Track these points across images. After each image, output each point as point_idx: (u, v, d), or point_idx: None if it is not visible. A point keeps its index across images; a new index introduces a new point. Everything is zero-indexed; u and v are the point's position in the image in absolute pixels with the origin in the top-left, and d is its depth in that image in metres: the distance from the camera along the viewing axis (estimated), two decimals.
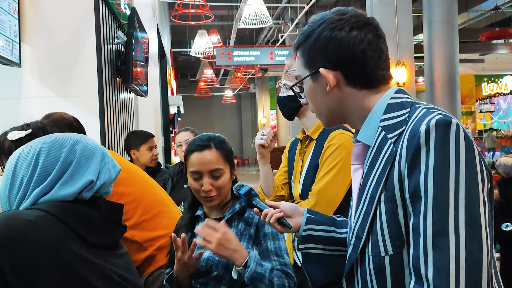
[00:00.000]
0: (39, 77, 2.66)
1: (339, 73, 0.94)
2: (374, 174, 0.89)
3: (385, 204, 0.85)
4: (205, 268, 1.37)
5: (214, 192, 1.39)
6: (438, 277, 0.74)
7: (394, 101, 0.92)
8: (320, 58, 0.94)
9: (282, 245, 1.41)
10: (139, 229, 1.65)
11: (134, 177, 1.76)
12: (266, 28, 12.94)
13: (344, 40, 0.92)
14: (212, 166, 1.39)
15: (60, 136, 1.07)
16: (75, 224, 0.95)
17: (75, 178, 1.01)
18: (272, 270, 1.31)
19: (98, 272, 0.94)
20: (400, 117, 0.89)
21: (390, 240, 0.85)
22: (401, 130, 0.86)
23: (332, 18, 0.94)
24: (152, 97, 5.57)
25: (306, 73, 0.98)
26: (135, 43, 3.27)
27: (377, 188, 0.87)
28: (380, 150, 0.89)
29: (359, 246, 0.91)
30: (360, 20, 0.94)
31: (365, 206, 0.90)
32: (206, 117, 22.78)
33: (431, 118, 0.81)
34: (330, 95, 0.96)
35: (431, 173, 0.78)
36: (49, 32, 2.67)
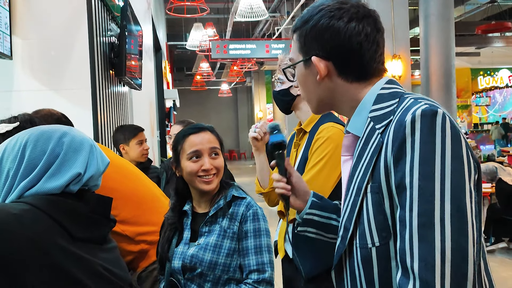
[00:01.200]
0: (31, 70, 2.64)
1: (331, 64, 0.92)
2: (362, 165, 0.88)
3: (371, 195, 0.84)
4: (190, 265, 1.37)
5: (214, 171, 1.40)
6: (424, 269, 0.73)
7: (383, 92, 0.91)
8: (314, 45, 0.93)
9: (263, 242, 1.39)
10: (129, 224, 1.63)
11: (124, 172, 1.74)
12: (262, 21, 12.88)
13: (341, 30, 0.90)
14: (211, 145, 1.42)
15: (47, 128, 1.06)
16: (62, 218, 0.94)
17: (62, 171, 1.00)
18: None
19: (85, 266, 0.93)
20: (389, 107, 0.88)
21: (377, 232, 0.84)
22: (388, 121, 0.85)
23: (332, 6, 0.92)
24: (147, 90, 5.54)
25: (299, 58, 0.97)
26: (129, 36, 3.25)
27: (364, 179, 0.86)
28: (368, 141, 0.88)
29: (347, 237, 0.90)
30: (360, 11, 0.92)
31: (353, 197, 0.89)
32: (202, 111, 22.72)
33: (417, 108, 0.79)
34: (320, 84, 0.95)
35: (417, 163, 0.76)
36: (41, 25, 2.64)
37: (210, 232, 1.39)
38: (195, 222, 1.44)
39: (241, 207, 1.41)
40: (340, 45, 0.90)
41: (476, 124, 18.50)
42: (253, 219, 1.40)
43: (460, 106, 17.49)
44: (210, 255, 1.35)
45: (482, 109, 19.27)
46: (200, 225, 1.41)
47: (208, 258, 1.35)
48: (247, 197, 1.45)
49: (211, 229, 1.40)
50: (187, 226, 1.44)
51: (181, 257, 1.39)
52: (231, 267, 1.37)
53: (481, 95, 18.64)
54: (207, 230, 1.40)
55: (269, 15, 10.94)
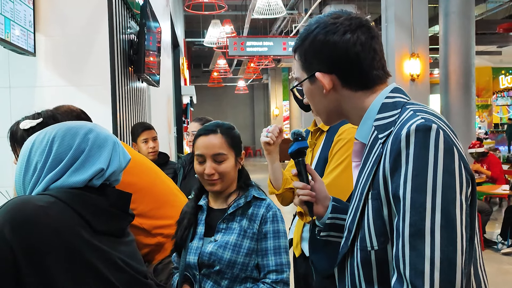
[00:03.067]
0: (53, 66, 2.70)
1: (335, 76, 0.96)
2: (365, 172, 0.92)
3: (372, 202, 0.89)
4: (208, 262, 1.39)
5: (216, 176, 1.41)
6: (415, 277, 0.77)
7: (388, 101, 0.95)
8: (315, 61, 0.97)
9: (281, 244, 1.42)
10: (147, 217, 1.67)
11: (142, 167, 1.79)
12: (279, 18, 12.85)
13: (337, 44, 0.94)
14: (215, 150, 1.41)
15: (73, 124, 1.10)
16: (84, 211, 0.98)
17: (86, 166, 1.04)
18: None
19: (105, 258, 0.96)
20: (391, 117, 0.91)
21: (375, 236, 0.88)
22: (389, 131, 0.89)
23: (326, 22, 0.96)
24: (164, 87, 5.60)
25: (304, 76, 1.01)
26: (148, 33, 3.29)
27: (366, 185, 0.90)
28: (371, 149, 0.92)
29: (349, 239, 0.94)
30: (353, 23, 0.95)
31: (356, 202, 0.94)
32: (219, 108, 22.81)
33: (413, 123, 0.83)
34: (327, 97, 0.99)
35: (410, 177, 0.80)
36: (63, 22, 2.71)
37: (228, 229, 1.41)
38: (210, 217, 1.46)
39: (261, 208, 1.43)
40: (339, 57, 0.94)
41: (496, 124, 18.15)
42: (272, 220, 1.42)
43: (480, 105, 17.18)
44: (229, 254, 1.37)
45: (503, 108, 18.90)
46: (217, 221, 1.44)
47: (227, 256, 1.37)
48: (267, 198, 1.47)
49: (229, 226, 1.42)
50: (201, 221, 1.46)
51: (196, 253, 1.41)
52: (249, 266, 1.39)
53: (503, 95, 18.27)
54: (225, 227, 1.42)
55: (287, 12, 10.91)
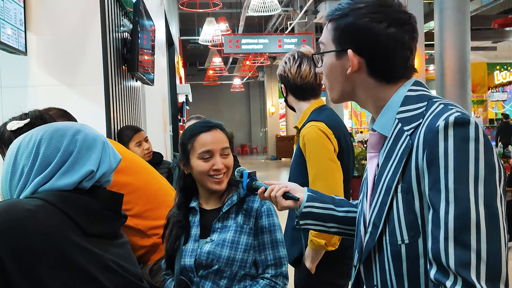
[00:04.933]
0: (45, 65, 2.67)
1: (363, 61, 0.94)
2: (391, 165, 0.91)
3: (402, 195, 0.88)
4: (206, 262, 1.36)
5: (224, 170, 1.40)
6: (462, 269, 0.78)
7: (411, 94, 0.94)
8: (350, 40, 0.94)
9: (278, 237, 1.42)
10: (142, 218, 1.65)
11: (136, 167, 1.76)
12: (275, 15, 12.82)
13: (380, 34, 0.92)
14: (223, 145, 1.41)
15: (61, 125, 1.07)
16: (74, 214, 0.95)
17: (75, 168, 1.01)
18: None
19: (96, 261, 0.94)
20: (417, 110, 0.90)
21: (406, 230, 0.88)
22: (417, 123, 0.88)
23: (374, 7, 0.93)
24: (159, 85, 5.56)
25: (332, 47, 0.98)
26: (141, 31, 3.26)
27: (394, 179, 0.89)
28: (396, 141, 0.91)
29: (376, 234, 0.93)
30: (401, 18, 0.93)
31: (381, 196, 0.92)
32: (215, 106, 22.76)
33: (450, 115, 0.83)
34: (348, 77, 0.97)
35: (451, 169, 0.80)
36: (55, 21, 2.67)
37: (224, 228, 1.40)
38: (204, 219, 1.44)
39: (255, 203, 1.42)
40: (376, 47, 0.93)
41: (491, 119, 18.20)
42: (267, 214, 1.41)
43: (475, 101, 17.21)
44: (227, 251, 1.35)
45: (498, 104, 18.96)
46: (212, 221, 1.41)
47: (226, 254, 1.35)
48: None
49: (225, 225, 1.40)
50: (195, 223, 1.44)
51: (192, 255, 1.38)
52: (247, 263, 1.37)
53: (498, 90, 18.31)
54: (221, 226, 1.40)
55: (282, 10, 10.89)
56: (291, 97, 1.89)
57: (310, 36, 10.49)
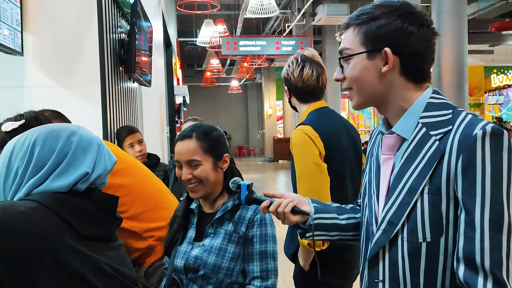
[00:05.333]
0: (42, 66, 2.65)
1: (398, 60, 0.99)
2: (415, 167, 0.96)
3: (428, 196, 0.93)
4: (193, 266, 1.36)
5: (194, 181, 1.37)
6: (495, 267, 0.86)
7: (433, 101, 1.00)
8: (384, 41, 0.99)
9: (268, 249, 1.37)
10: (138, 220, 1.64)
11: (132, 168, 1.75)
12: (272, 17, 12.83)
13: (414, 34, 0.98)
14: (187, 157, 1.37)
15: (56, 126, 1.06)
16: (69, 216, 0.94)
17: (70, 170, 1.00)
18: None
19: (91, 264, 0.93)
20: (443, 116, 0.97)
21: (429, 229, 0.93)
22: (447, 129, 0.94)
23: (405, 9, 1.00)
24: (156, 87, 5.55)
25: (361, 50, 1.01)
26: (139, 32, 3.25)
27: (421, 181, 0.94)
28: (421, 145, 0.96)
29: (392, 231, 0.97)
30: (428, 20, 1.01)
31: (402, 196, 0.97)
32: (212, 107, 22.75)
33: (485, 125, 0.91)
34: (382, 77, 1.00)
35: (488, 175, 0.88)
36: (52, 21, 2.66)
37: (216, 234, 1.38)
38: (201, 221, 1.43)
39: (249, 211, 1.39)
40: (410, 46, 0.98)
41: None
42: (260, 224, 1.37)
43: (472, 104, 17.27)
44: (214, 258, 1.34)
45: (495, 107, 19.03)
46: (206, 225, 1.41)
47: (212, 261, 1.33)
48: None
49: (217, 231, 1.39)
50: (192, 225, 1.44)
51: (184, 257, 1.38)
52: (234, 272, 1.35)
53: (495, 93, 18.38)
54: (213, 231, 1.39)
55: (280, 12, 10.90)
56: (294, 99, 1.92)
57: (308, 38, 10.50)
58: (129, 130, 2.77)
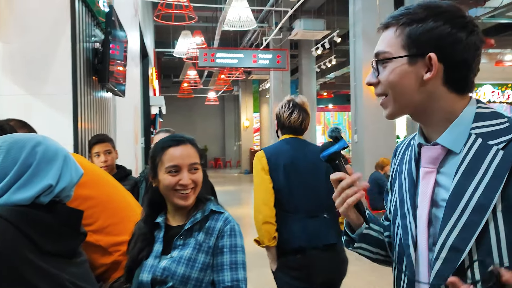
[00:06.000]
0: (11, 74, 2.59)
1: (442, 67, 0.90)
2: (479, 181, 0.86)
3: (504, 215, 0.83)
4: (160, 278, 1.32)
5: (192, 186, 1.36)
6: None
7: (482, 111, 0.93)
8: (430, 45, 0.90)
9: (238, 259, 1.36)
10: (104, 233, 1.60)
11: (99, 180, 1.71)
12: (250, 31, 12.93)
13: (463, 41, 0.90)
14: (191, 160, 1.38)
15: (21, 136, 1.03)
16: (30, 230, 0.91)
17: (33, 182, 0.97)
18: None
19: (52, 281, 0.90)
20: (500, 125, 0.89)
21: (507, 252, 0.83)
22: (510, 137, 0.86)
23: (455, 13, 0.91)
24: (131, 97, 5.49)
25: (402, 53, 0.92)
26: (113, 42, 3.22)
27: (491, 197, 0.84)
28: (480, 157, 0.87)
29: (458, 259, 0.86)
30: (478, 26, 0.92)
31: (467, 216, 0.86)
32: (189, 119, 22.63)
33: None
34: (422, 85, 0.92)
35: None
36: (23, 28, 2.60)
37: (185, 245, 1.36)
38: (168, 235, 1.40)
39: (218, 222, 1.38)
40: (457, 54, 0.90)
41: None
42: (230, 234, 1.37)
43: None
44: (183, 269, 1.31)
45: None
46: (174, 238, 1.38)
47: (181, 271, 1.31)
48: (225, 212, 1.43)
49: (186, 242, 1.36)
50: (158, 239, 1.40)
51: (151, 271, 1.34)
52: (203, 282, 1.33)
53: None
54: (182, 243, 1.37)
55: (257, 25, 10.99)
56: (279, 131, 2.39)
57: (284, 52, 10.61)
58: (98, 138, 2.68)
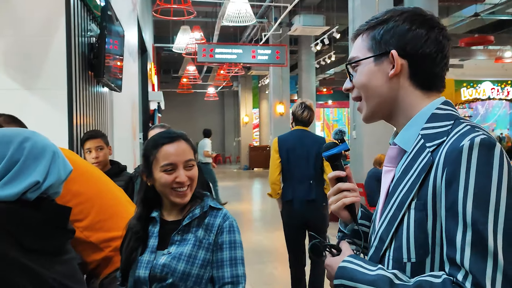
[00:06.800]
0: (5, 68, 2.56)
1: (406, 63, 0.93)
2: (407, 180, 0.89)
3: (415, 212, 0.85)
4: (160, 275, 1.31)
5: (188, 183, 1.35)
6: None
7: (439, 112, 0.92)
8: (392, 43, 0.93)
9: (238, 255, 1.36)
10: (94, 230, 1.58)
11: (89, 176, 1.69)
12: (249, 26, 12.87)
13: (423, 35, 0.92)
14: (187, 157, 1.36)
15: (8, 131, 1.01)
16: (14, 228, 0.89)
17: (19, 178, 0.95)
18: None
19: (36, 279, 0.88)
20: (442, 128, 0.89)
21: (414, 248, 0.85)
22: (441, 141, 0.87)
23: (414, 12, 0.95)
24: (129, 92, 5.46)
25: (368, 55, 0.96)
26: (109, 36, 3.18)
27: (409, 194, 0.87)
28: (416, 157, 0.89)
29: (381, 249, 0.91)
30: (440, 24, 0.95)
31: (392, 211, 0.90)
32: (188, 114, 22.59)
33: (475, 136, 0.81)
34: (389, 82, 0.94)
35: (471, 192, 0.78)
36: (18, 22, 2.57)
37: (183, 241, 1.35)
38: (164, 230, 1.39)
39: (217, 218, 1.37)
40: (419, 48, 0.92)
41: None
42: (229, 230, 1.37)
43: None
44: (183, 265, 1.31)
45: None
46: (171, 233, 1.37)
47: (181, 268, 1.30)
48: (223, 208, 1.42)
49: (184, 238, 1.35)
50: (153, 234, 1.39)
51: (148, 266, 1.33)
52: (203, 279, 1.33)
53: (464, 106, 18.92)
54: (179, 238, 1.35)
55: (257, 21, 10.94)
56: (293, 123, 3.55)
57: (283, 48, 10.56)
58: (89, 135, 2.63)
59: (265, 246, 5.98)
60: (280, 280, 4.48)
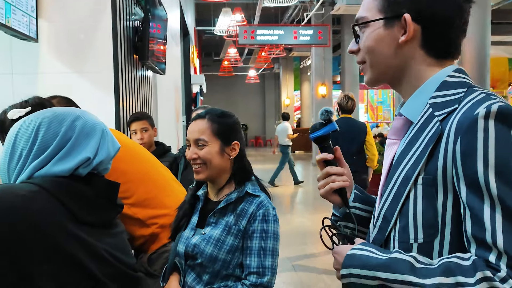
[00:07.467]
0: (56, 52, 2.68)
1: (419, 29, 0.85)
2: (413, 153, 0.82)
3: (423, 188, 0.78)
4: (191, 253, 1.36)
5: (199, 161, 1.37)
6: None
7: (450, 80, 0.84)
8: (406, 5, 0.84)
9: (268, 245, 1.33)
10: (141, 207, 1.65)
11: (136, 155, 1.75)
12: (291, 6, 12.69)
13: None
14: (195, 136, 1.39)
15: (61, 110, 1.06)
16: (68, 201, 0.94)
17: (72, 154, 1.00)
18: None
19: (89, 250, 0.93)
20: (454, 95, 0.81)
21: (422, 228, 0.78)
22: (452, 109, 0.79)
23: None
24: (172, 75, 5.56)
25: (378, 17, 0.88)
26: (153, 20, 3.25)
27: (415, 168, 0.80)
28: (424, 127, 0.82)
29: (387, 229, 0.84)
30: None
31: (397, 187, 0.83)
32: (229, 97, 22.75)
33: (493, 103, 0.73)
34: (398, 48, 0.87)
35: (492, 165, 0.71)
36: (66, 8, 2.67)
37: (216, 224, 1.37)
38: (205, 208, 1.43)
39: (252, 206, 1.36)
40: (434, 12, 0.83)
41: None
42: (262, 219, 1.34)
43: None
44: (211, 249, 1.33)
45: None
46: (209, 212, 1.40)
47: (209, 251, 1.33)
48: (261, 195, 1.39)
49: (218, 221, 1.38)
50: (197, 211, 1.44)
51: (185, 242, 1.39)
52: (231, 264, 1.34)
53: None
54: (215, 221, 1.38)
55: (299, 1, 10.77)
56: (340, 112, 4.35)
57: (326, 28, 10.36)
58: (135, 116, 2.76)
59: (307, 228, 6.01)
60: (320, 261, 4.51)
